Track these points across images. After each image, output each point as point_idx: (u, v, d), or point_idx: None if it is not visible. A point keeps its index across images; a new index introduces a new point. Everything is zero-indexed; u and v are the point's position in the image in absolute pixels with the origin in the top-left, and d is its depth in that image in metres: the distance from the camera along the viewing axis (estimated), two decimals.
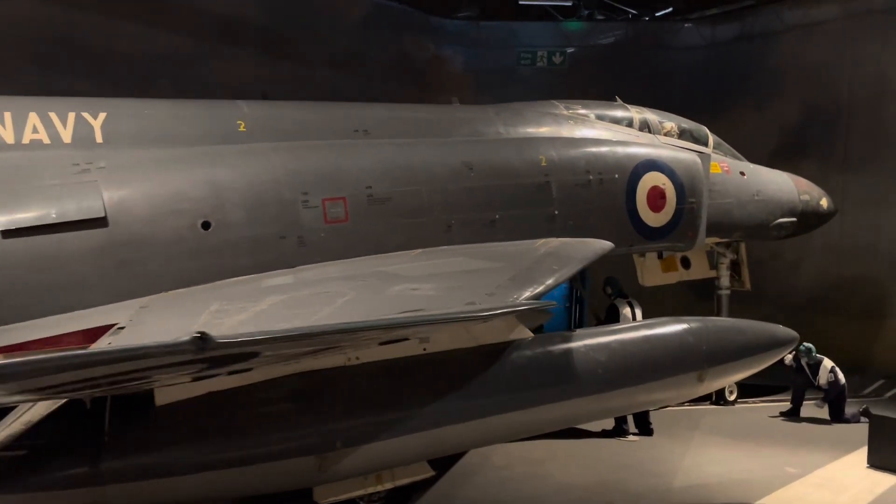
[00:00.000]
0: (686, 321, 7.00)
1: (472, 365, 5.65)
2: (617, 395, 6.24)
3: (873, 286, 16.28)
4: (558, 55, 21.14)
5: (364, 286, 5.81)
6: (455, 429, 5.45)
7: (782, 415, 12.18)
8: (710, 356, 6.79)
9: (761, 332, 7.51)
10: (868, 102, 16.66)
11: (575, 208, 9.05)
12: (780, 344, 7.57)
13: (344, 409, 5.15)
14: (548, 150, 9.05)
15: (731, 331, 7.23)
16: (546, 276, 6.19)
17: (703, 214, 10.46)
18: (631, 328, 6.95)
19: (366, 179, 7.67)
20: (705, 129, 12.13)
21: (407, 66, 20.05)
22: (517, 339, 5.96)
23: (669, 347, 6.64)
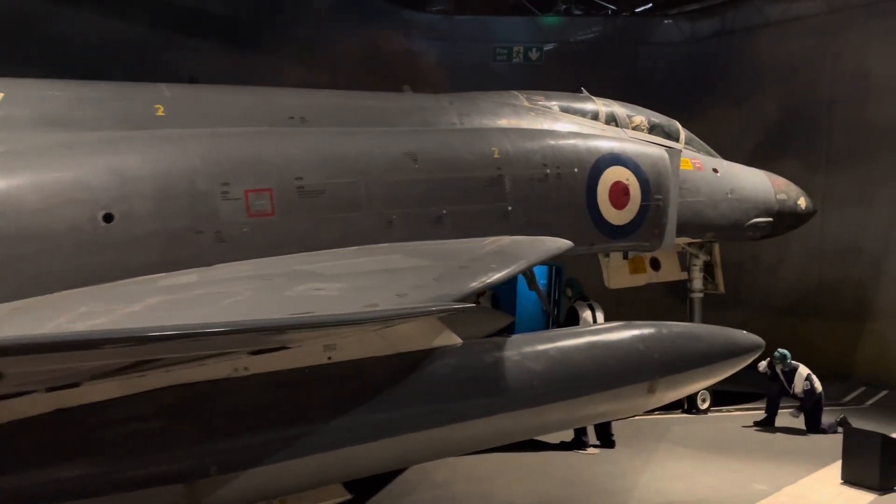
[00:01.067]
0: (637, 326, 6.39)
1: (385, 375, 4.99)
2: (555, 408, 5.60)
3: (855, 289, 15.76)
4: (535, 51, 20.59)
5: (266, 286, 5.15)
6: (362, 449, 4.78)
7: (756, 424, 11.60)
8: (663, 365, 6.18)
9: (722, 338, 6.90)
10: (850, 99, 16.16)
11: (531, 204, 8.42)
12: (742, 351, 6.97)
13: (224, 427, 4.43)
14: (501, 141, 8.42)
15: (688, 337, 6.61)
16: (480, 275, 5.57)
17: (672, 213, 9.88)
18: (574, 334, 6.30)
19: (296, 170, 7.00)
20: (677, 123, 11.57)
21: (378, 60, 19.38)
22: (442, 346, 5.33)
23: (617, 356, 6.03)
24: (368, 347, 4.96)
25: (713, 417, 12.05)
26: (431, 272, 5.39)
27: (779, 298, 17.02)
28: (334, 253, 6.51)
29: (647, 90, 18.65)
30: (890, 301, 15.16)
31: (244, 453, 4.41)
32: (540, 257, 7.44)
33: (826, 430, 11.26)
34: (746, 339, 7.10)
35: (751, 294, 17.42)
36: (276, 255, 6.62)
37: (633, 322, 6.53)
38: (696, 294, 12.37)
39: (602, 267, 11.26)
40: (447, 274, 5.41)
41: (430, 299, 4.59)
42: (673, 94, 18.70)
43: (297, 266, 5.93)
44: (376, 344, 4.99)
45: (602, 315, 9.85)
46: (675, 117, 12.69)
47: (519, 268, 6.39)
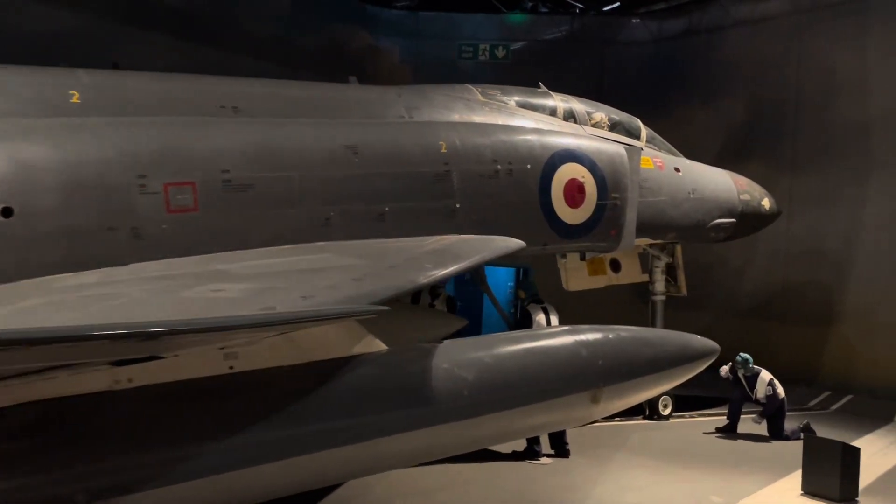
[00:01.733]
0: (581, 331, 5.98)
1: (295, 386, 4.52)
2: (488, 420, 5.18)
3: (820, 291, 15.56)
4: (501, 49, 20.22)
5: (163, 288, 4.67)
6: (264, 470, 4.31)
7: (718, 431, 11.28)
8: (608, 373, 5.79)
9: (673, 343, 6.52)
10: (816, 100, 15.97)
11: (480, 202, 8.02)
12: (695, 357, 6.60)
13: (96, 449, 3.94)
14: (449, 135, 8.00)
15: (635, 342, 6.20)
16: (410, 275, 5.14)
17: (630, 212, 9.54)
18: (511, 340, 5.86)
19: (222, 162, 6.52)
20: (638, 121, 11.25)
21: (340, 57, 18.90)
22: (363, 353, 4.88)
23: (557, 363, 5.61)
24: (276, 355, 4.50)
25: (675, 424, 11.73)
26: (355, 272, 4.95)
27: (745, 301, 16.79)
28: (259, 252, 6.04)
29: (615, 89, 18.40)
30: (854, 304, 14.97)
31: (120, 478, 3.91)
32: (486, 257, 7.01)
33: (789, 436, 10.98)
34: (700, 343, 6.74)
35: (717, 296, 17.18)
36: (199, 253, 6.16)
37: (578, 326, 6.12)
38: (658, 297, 12.05)
39: (560, 269, 10.89)
40: (372, 274, 4.97)
41: (341, 301, 4.15)
42: (640, 94, 18.44)
43: (213, 266, 5.45)
44: (286, 351, 4.52)
45: (556, 318, 9.46)
46: (642, 117, 12.41)
47: (459, 268, 5.97)
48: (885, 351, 14.44)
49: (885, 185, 14.66)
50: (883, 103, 14.84)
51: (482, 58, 20.19)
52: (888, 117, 14.74)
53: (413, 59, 19.91)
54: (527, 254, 8.59)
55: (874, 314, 14.65)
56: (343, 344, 4.76)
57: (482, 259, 6.83)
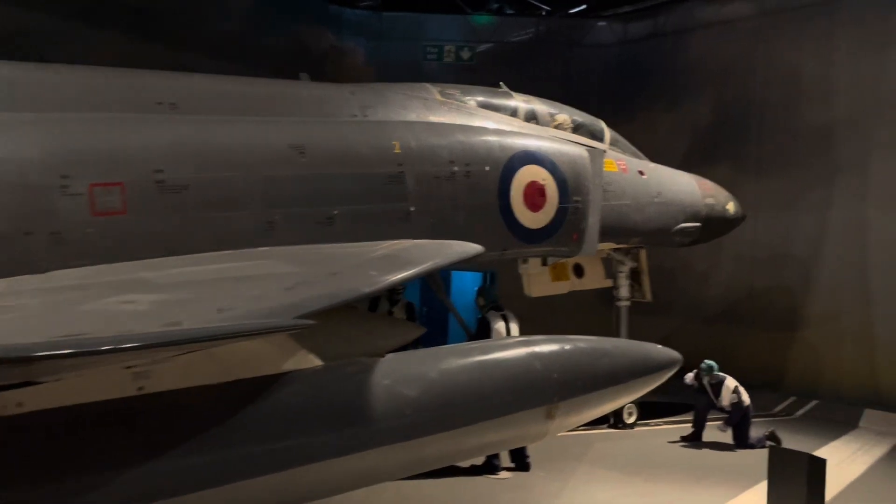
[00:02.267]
0: (535, 342, 5.64)
1: (215, 409, 4.10)
2: (433, 441, 4.80)
3: (785, 296, 15.47)
4: (466, 50, 19.92)
5: (70, 299, 4.23)
6: (178, 502, 3.93)
7: (683, 440, 11.05)
8: (564, 386, 5.46)
9: (633, 354, 6.21)
10: (780, 103, 15.91)
11: (436, 205, 7.67)
12: (657, 368, 6.31)
13: None
14: (404, 135, 7.64)
15: (593, 354, 5.87)
16: (350, 284, 4.76)
17: (593, 216, 9.26)
18: (460, 352, 5.49)
19: (155, 161, 6.08)
20: (602, 123, 10.99)
21: (302, 57, 18.42)
22: (295, 370, 4.48)
23: (509, 377, 5.27)
24: (194, 374, 4.07)
25: (640, 433, 11.48)
26: (289, 280, 4.55)
27: (710, 306, 16.66)
28: (191, 259, 5.61)
29: (580, 92, 18.15)
30: (819, 309, 14.90)
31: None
32: (440, 263, 6.64)
33: (754, 444, 10.79)
34: (662, 354, 6.44)
35: (682, 302, 17.04)
36: (128, 259, 5.72)
37: (532, 337, 5.78)
38: (623, 302, 11.81)
39: (522, 274, 10.58)
40: (308, 282, 4.58)
41: (263, 314, 3.77)
42: (605, 96, 18.35)
43: (137, 274, 5.01)
44: (205, 369, 4.11)
45: (517, 326, 9.12)
46: (608, 119, 12.18)
47: (409, 275, 5.59)
48: (850, 356, 14.39)
49: (850, 189, 14.61)
50: (847, 107, 14.80)
51: (447, 59, 19.88)
52: (853, 121, 14.70)
53: (377, 60, 19.53)
54: (486, 259, 8.27)
55: (839, 319, 14.59)
56: (272, 360, 4.35)
57: (435, 265, 6.46)
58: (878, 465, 10.33)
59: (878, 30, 14.26)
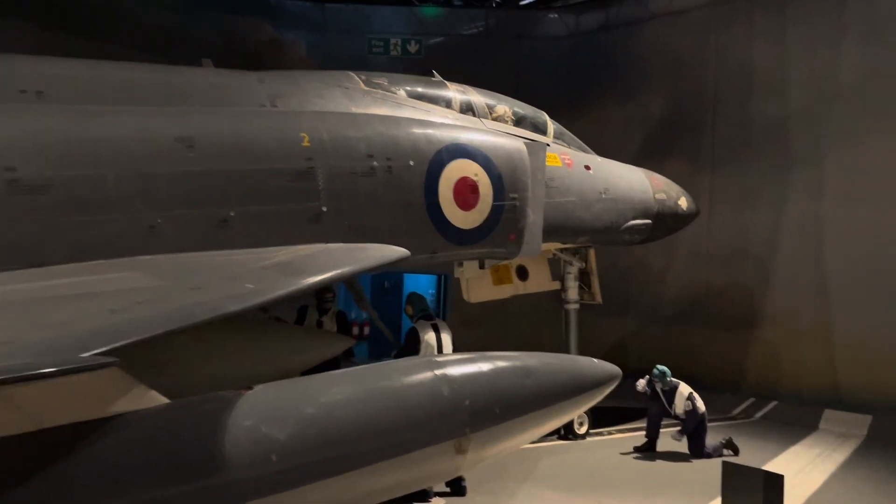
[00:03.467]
0: (443, 364, 4.84)
1: (13, 467, 3.29)
2: (309, 493, 3.95)
3: (742, 294, 14.96)
4: (413, 43, 19.13)
5: None
6: None
7: (637, 450, 10.40)
8: (477, 415, 4.69)
9: (564, 372, 5.45)
10: (734, 95, 15.41)
11: (352, 204, 6.88)
12: (592, 385, 5.58)
13: None
14: (315, 126, 6.83)
15: (515, 374, 5.09)
16: (211, 301, 3.94)
17: (535, 215, 8.56)
18: (348, 379, 4.58)
19: (7, 157, 5.21)
20: (545, 115, 10.31)
21: (239, 51, 17.42)
22: (127, 411, 3.64)
23: (408, 407, 4.46)
24: None
25: (591, 444, 10.80)
26: (127, 299, 3.73)
27: (667, 305, 16.10)
28: (32, 273, 4.74)
29: (531, 85, 17.54)
30: (777, 307, 14.42)
31: None
32: (353, 269, 5.85)
33: (711, 453, 10.18)
34: (598, 369, 5.71)
35: (638, 302, 16.50)
36: None
37: (438, 357, 4.99)
38: (572, 305, 11.11)
39: (460, 278, 9.82)
40: (155, 301, 3.77)
41: (53, 348, 2.94)
42: (557, 90, 17.69)
43: None
44: (3, 416, 3.28)
45: (449, 337, 8.32)
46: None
47: (303, 286, 4.79)
48: (808, 355, 13.92)
49: (805, 184, 14.16)
50: (801, 99, 14.35)
51: (393, 53, 19.08)
52: (807, 113, 14.25)
53: (320, 53, 18.64)
54: (413, 264, 7.50)
55: (797, 317, 14.12)
56: (97, 401, 3.51)
57: (343, 273, 5.66)
58: (839, 474, 9.80)
59: (831, 21, 13.82)
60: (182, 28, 16.72)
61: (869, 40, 13.45)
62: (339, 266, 5.72)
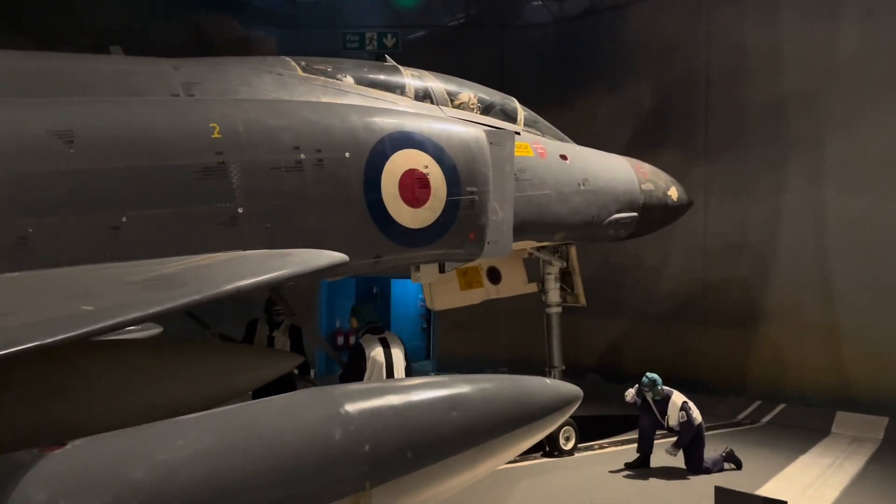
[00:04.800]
0: (343, 396, 3.85)
1: None
2: None
3: (742, 290, 13.98)
4: (390, 37, 18.22)
5: None
6: None
7: (628, 467, 9.44)
8: (381, 463, 3.71)
9: (503, 398, 4.46)
10: (726, 80, 14.44)
11: (275, 204, 5.96)
12: (541, 413, 4.62)
13: None
14: (227, 116, 5.91)
15: (435, 406, 4.07)
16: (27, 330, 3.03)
17: (502, 210, 7.64)
18: (201, 426, 3.49)
19: None
20: (514, 101, 9.40)
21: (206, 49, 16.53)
22: None
23: (288, 457, 3.50)
24: None
25: (578, 461, 9.85)
26: None
27: (663, 303, 15.10)
28: None
29: (515, 76, 16.72)
30: (779, 302, 13.44)
31: None
32: (261, 281, 4.95)
33: (710, 468, 9.22)
34: (549, 392, 4.74)
35: (632, 300, 15.52)
36: None
37: (338, 389, 4.00)
38: (553, 309, 10.15)
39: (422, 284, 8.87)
40: None
41: None
42: (542, 80, 16.82)
43: None
44: None
45: (402, 353, 7.38)
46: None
47: (164, 307, 3.88)
48: (815, 352, 12.94)
49: (804, 170, 13.19)
50: (798, 81, 13.39)
51: (369, 47, 18.16)
52: (804, 96, 13.29)
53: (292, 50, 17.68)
54: (353, 269, 6.59)
55: (801, 312, 13.15)
56: None
57: (247, 285, 4.76)
58: (854, 489, 8.81)
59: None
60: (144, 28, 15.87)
61: (867, 15, 12.51)
62: (243, 277, 4.82)
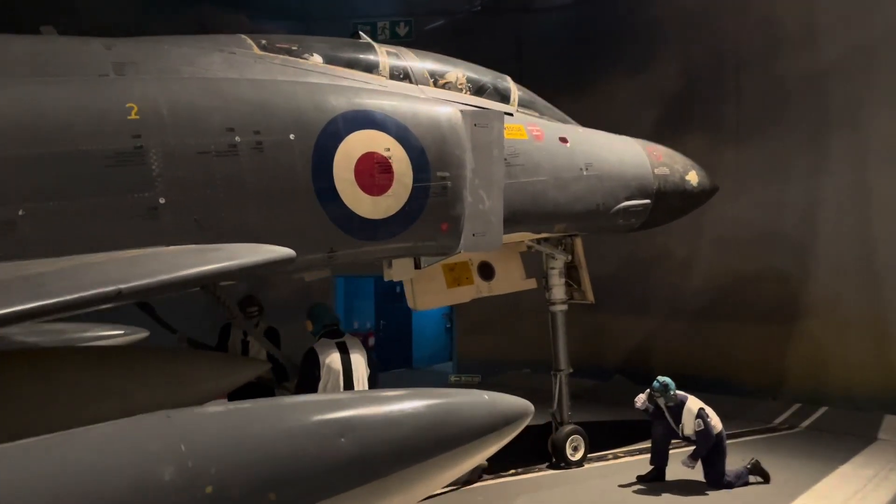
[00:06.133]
0: (180, 421, 3.09)
1: None
2: None
3: (778, 283, 12.84)
4: (403, 25, 17.58)
5: None
6: None
7: (640, 480, 8.52)
8: None
9: (416, 420, 3.63)
10: (758, 56, 13.33)
11: (204, 193, 5.29)
12: (468, 437, 3.78)
13: None
14: (148, 95, 5.25)
15: (314, 431, 3.21)
16: None
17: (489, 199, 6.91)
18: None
19: None
20: (508, 79, 8.63)
21: None
22: None
23: (91, 495, 2.76)
24: None
25: (588, 472, 8.98)
26: None
27: (693, 299, 14.04)
28: None
29: (535, 62, 15.89)
30: (820, 295, 12.28)
31: None
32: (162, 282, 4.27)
33: (733, 482, 8.26)
34: (485, 411, 3.87)
35: (660, 296, 14.49)
36: None
37: (181, 413, 3.17)
38: (558, 307, 9.27)
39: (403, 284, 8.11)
40: None
41: None
42: (562, 64, 15.93)
43: None
44: None
45: (363, 358, 6.53)
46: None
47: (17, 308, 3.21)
48: (860, 348, 11.75)
49: (845, 149, 12.03)
50: (835, 53, 12.21)
51: (381, 37, 17.48)
52: (844, 68, 12.12)
53: None
54: (305, 265, 5.88)
55: (844, 305, 11.97)
56: None
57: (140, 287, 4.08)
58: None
59: None
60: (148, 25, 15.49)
61: None
62: (136, 277, 4.14)
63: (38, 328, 9.24)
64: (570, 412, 9.16)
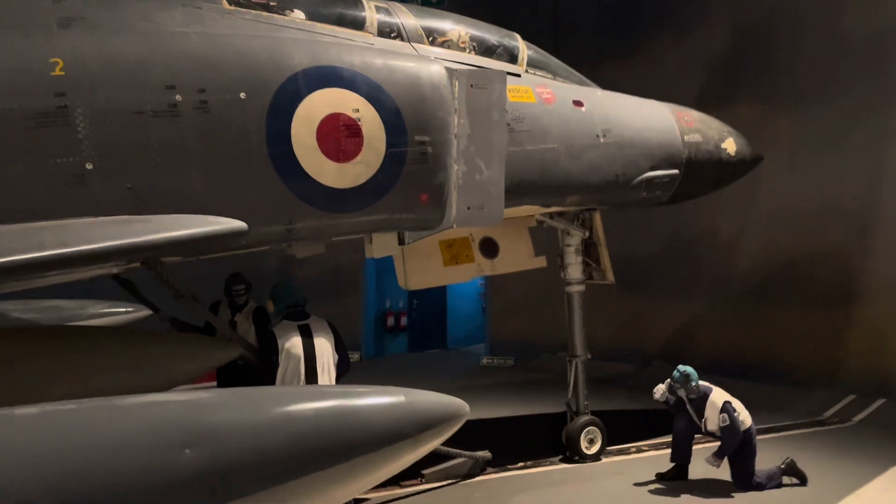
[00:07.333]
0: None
1: None
2: None
3: (836, 263, 11.74)
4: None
5: None
6: None
7: (661, 478, 7.75)
8: None
9: (290, 428, 2.96)
10: (816, 15, 12.14)
11: (139, 158, 4.78)
12: (376, 445, 3.14)
13: None
14: (76, 49, 4.76)
15: (146, 445, 2.59)
16: None
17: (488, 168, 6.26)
18: None
19: None
20: (517, 37, 7.87)
21: None
22: None
23: None
24: None
25: (604, 467, 8.26)
26: None
27: (741, 281, 13.02)
28: None
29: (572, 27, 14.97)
30: (880, 277, 11.16)
31: None
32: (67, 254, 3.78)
33: (763, 483, 7.41)
34: (394, 415, 3.16)
35: (705, 277, 13.50)
36: None
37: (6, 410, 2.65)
38: (575, 287, 8.50)
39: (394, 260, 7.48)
40: None
41: None
42: (602, 30, 14.92)
43: None
44: None
45: (329, 343, 5.93)
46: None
47: None
48: None
49: None
50: None
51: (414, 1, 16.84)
52: None
53: None
54: (261, 239, 5.35)
55: None
56: None
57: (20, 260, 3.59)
58: None
59: None
60: None
61: None
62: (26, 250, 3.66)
63: (36, 305, 9.04)
64: (587, 402, 8.43)
